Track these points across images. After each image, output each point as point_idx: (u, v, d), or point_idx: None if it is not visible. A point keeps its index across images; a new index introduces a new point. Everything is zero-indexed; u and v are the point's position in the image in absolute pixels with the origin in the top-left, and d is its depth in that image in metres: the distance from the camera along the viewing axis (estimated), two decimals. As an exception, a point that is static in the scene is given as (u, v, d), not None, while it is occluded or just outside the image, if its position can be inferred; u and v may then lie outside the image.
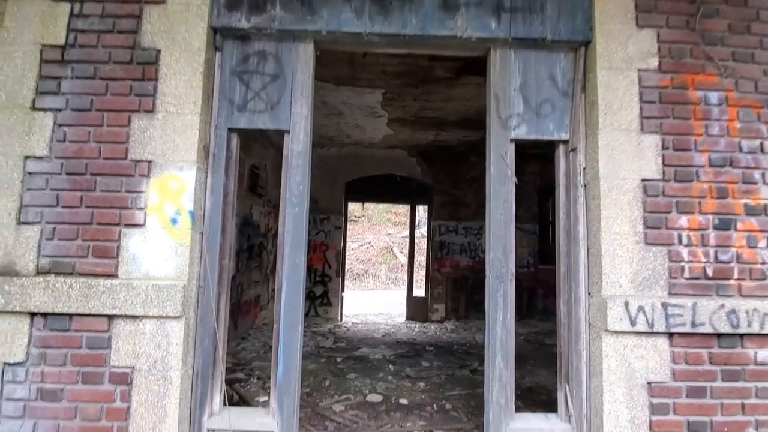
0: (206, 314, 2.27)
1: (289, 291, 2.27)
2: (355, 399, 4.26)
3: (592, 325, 2.27)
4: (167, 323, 2.17)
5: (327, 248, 8.26)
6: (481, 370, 5.60)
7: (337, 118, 6.80)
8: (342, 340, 6.79)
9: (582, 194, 2.37)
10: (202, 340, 2.26)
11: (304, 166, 2.35)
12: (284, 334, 2.26)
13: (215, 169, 2.36)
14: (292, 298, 2.27)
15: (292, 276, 2.28)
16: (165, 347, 2.17)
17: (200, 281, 2.30)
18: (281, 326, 2.26)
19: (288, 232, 2.31)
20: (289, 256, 2.30)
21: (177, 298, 2.13)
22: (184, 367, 2.19)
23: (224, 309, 2.34)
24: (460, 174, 8.54)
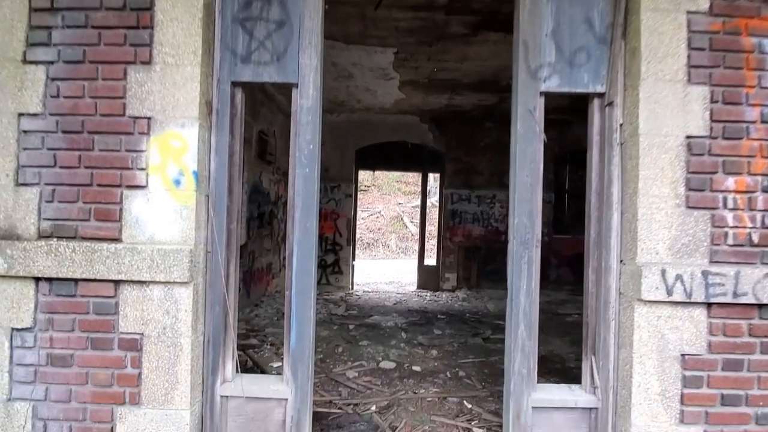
0: (215, 280, 2.16)
1: (301, 256, 2.15)
2: (368, 365, 4.24)
3: (623, 295, 2.12)
4: (175, 289, 2.07)
5: (338, 217, 8.15)
6: (494, 338, 5.58)
7: (347, 81, 6.51)
8: (354, 307, 6.79)
9: (617, 153, 2.16)
10: (212, 306, 2.17)
11: (315, 123, 2.17)
12: (296, 301, 2.15)
13: (219, 127, 2.19)
14: (304, 264, 2.15)
15: (304, 241, 2.15)
16: (174, 314, 2.08)
17: (208, 246, 2.18)
18: (293, 292, 2.15)
19: (298, 195, 2.15)
20: (299, 220, 2.16)
21: (184, 264, 2.02)
22: (194, 334, 2.11)
23: (234, 275, 2.24)
24: (473, 141, 8.24)
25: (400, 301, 7.45)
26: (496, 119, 8.21)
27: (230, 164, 2.21)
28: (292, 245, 2.16)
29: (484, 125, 8.24)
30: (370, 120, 8.22)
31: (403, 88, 6.74)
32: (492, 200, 8.15)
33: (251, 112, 6.05)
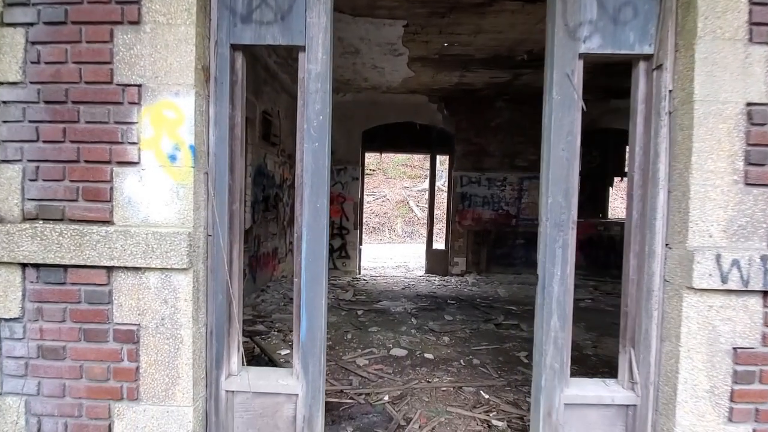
0: (217, 266, 1.96)
1: (312, 240, 1.93)
2: (379, 353, 4.08)
3: (669, 282, 1.90)
4: (173, 276, 1.87)
5: (344, 200, 7.93)
6: (507, 324, 5.39)
7: (354, 58, 6.19)
8: (362, 293, 6.63)
9: (666, 124, 1.90)
10: (214, 294, 1.97)
11: (325, 91, 1.93)
12: (307, 289, 1.95)
13: (218, 96, 1.96)
14: (315, 248, 1.94)
15: (314, 223, 1.93)
16: (172, 303, 1.89)
17: (208, 229, 1.97)
18: (303, 280, 1.95)
19: (307, 172, 1.93)
20: (309, 199, 1.93)
21: (182, 248, 1.82)
22: (195, 325, 1.92)
23: (238, 260, 2.04)
24: (484, 121, 7.92)
25: (408, 285, 7.28)
26: (508, 98, 7.88)
27: (231, 138, 1.98)
28: (301, 228, 1.94)
29: (494, 105, 7.91)
30: (377, 100, 7.91)
31: (412, 65, 6.41)
32: (503, 183, 7.88)
33: (254, 91, 5.77)
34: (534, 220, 7.86)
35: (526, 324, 5.17)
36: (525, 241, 7.88)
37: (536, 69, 6.49)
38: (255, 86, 5.82)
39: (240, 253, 2.04)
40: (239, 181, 2.03)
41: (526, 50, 5.78)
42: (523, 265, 7.90)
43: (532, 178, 7.86)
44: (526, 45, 5.62)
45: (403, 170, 17.66)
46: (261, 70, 6.04)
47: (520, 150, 7.87)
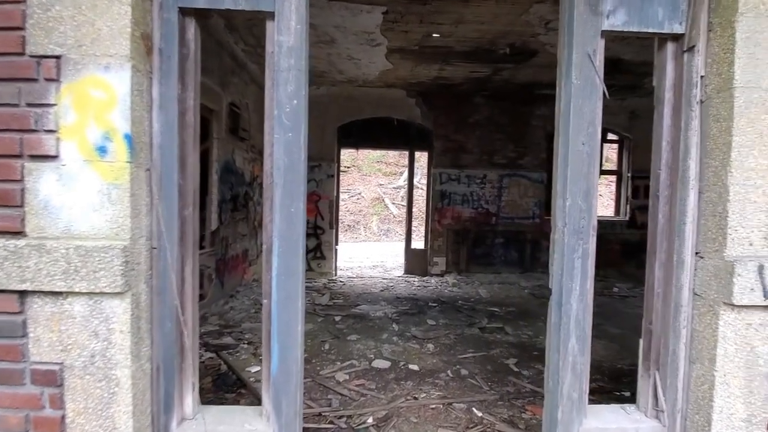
0: (165, 286, 1.55)
1: (285, 252, 1.56)
2: (360, 365, 3.73)
3: (700, 296, 1.64)
4: (104, 302, 1.45)
5: (319, 198, 7.50)
6: (491, 327, 5.15)
7: (328, 48, 5.77)
8: (339, 296, 6.25)
9: (697, 115, 1.64)
10: (161, 322, 1.57)
11: (299, 69, 1.55)
12: (279, 312, 1.57)
13: (165, 72, 1.54)
14: (289, 263, 1.56)
15: (288, 231, 1.56)
16: (105, 336, 1.47)
17: (152, 240, 1.56)
18: (274, 301, 1.57)
19: (278, 169, 1.54)
20: (281, 203, 1.55)
21: (115, 266, 1.40)
22: (136, 361, 1.50)
23: (192, 277, 1.63)
24: (463, 117, 7.69)
25: (387, 287, 6.96)
26: (487, 94, 7.67)
27: (182, 126, 1.57)
28: (271, 238, 1.56)
29: (473, 101, 7.68)
30: (353, 94, 7.52)
31: (390, 57, 6.06)
32: (482, 180, 7.68)
33: (220, 81, 5.26)
34: (514, 218, 7.71)
35: (511, 327, 4.96)
36: (505, 240, 7.72)
37: (517, 64, 6.29)
38: (221, 76, 5.31)
39: (195, 268, 1.64)
40: (193, 180, 1.62)
41: (509, 43, 5.54)
42: (503, 264, 7.75)
43: (511, 175, 7.70)
44: (508, 38, 5.38)
45: (379, 167, 17.32)
46: (228, 59, 5.53)
47: (498, 147, 7.69)
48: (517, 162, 7.68)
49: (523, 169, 7.69)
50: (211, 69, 4.98)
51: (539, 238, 7.77)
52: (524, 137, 7.70)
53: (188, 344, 1.58)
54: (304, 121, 1.57)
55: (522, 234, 7.70)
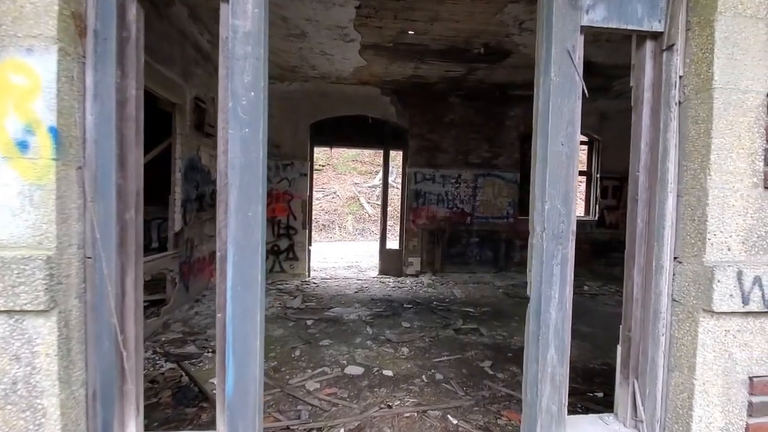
0: (101, 301, 1.36)
1: (241, 262, 1.40)
2: (332, 372, 3.58)
3: (679, 303, 1.59)
4: (26, 322, 1.25)
5: (291, 198, 7.27)
6: (466, 329, 5.12)
7: (300, 42, 5.57)
8: (311, 298, 6.06)
9: (676, 116, 1.59)
10: (98, 342, 1.37)
11: (258, 57, 1.39)
12: (235, 328, 1.41)
13: (101, 57, 1.35)
14: (246, 273, 1.40)
15: (244, 238, 1.40)
16: (28, 360, 1.27)
17: (86, 249, 1.36)
18: (229, 315, 1.41)
19: (233, 168, 1.38)
20: (237, 206, 1.39)
21: (37, 280, 1.21)
22: (65, 388, 1.31)
23: (134, 289, 1.44)
24: (438, 117, 7.63)
25: (361, 288, 6.82)
26: (462, 94, 7.65)
27: (121, 118, 1.38)
28: (225, 245, 1.39)
29: (448, 100, 7.64)
30: (326, 91, 7.32)
31: (364, 53, 5.92)
32: (457, 180, 7.65)
33: (183, 73, 4.97)
34: (489, 218, 7.73)
35: (486, 328, 4.92)
36: (479, 240, 7.73)
37: (492, 64, 6.27)
38: (185, 67, 5.01)
39: (138, 279, 1.45)
40: (136, 180, 1.43)
41: (483, 43, 5.51)
42: (478, 264, 7.76)
43: (486, 175, 7.71)
44: (483, 37, 5.34)
45: (354, 166, 17.13)
46: (191, 50, 5.23)
47: (473, 147, 7.68)
48: (492, 162, 7.71)
49: (498, 169, 7.72)
50: (173, 60, 4.69)
51: (513, 237, 7.83)
52: (498, 137, 7.73)
53: (130, 366, 1.40)
54: (263, 115, 1.41)
55: (496, 234, 7.74)
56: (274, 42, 5.57)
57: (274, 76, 6.95)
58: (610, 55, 5.75)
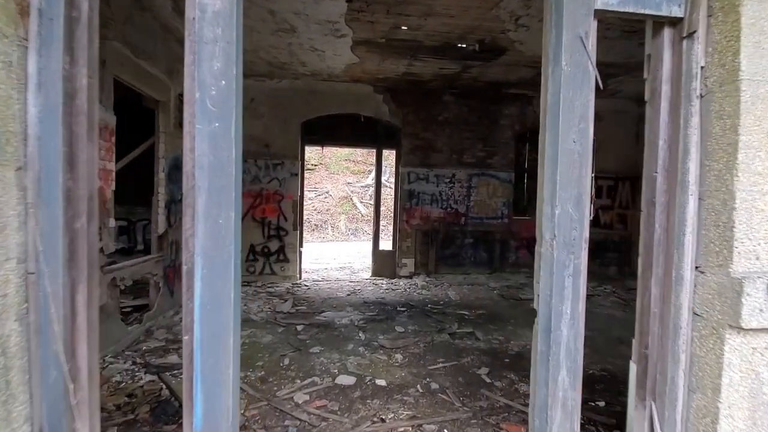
0: (46, 324, 1.16)
1: (211, 276, 1.21)
2: (322, 382, 3.40)
3: (701, 317, 1.44)
4: (-49, 350, 1.05)
5: (282, 198, 7.06)
6: (461, 333, 4.96)
7: (289, 37, 5.36)
8: (302, 302, 5.86)
9: (697, 111, 1.44)
10: (44, 371, 1.18)
11: (229, 41, 1.20)
12: (203, 353, 1.22)
13: (46, 40, 1.15)
14: (217, 290, 1.21)
15: (215, 249, 1.21)
16: (-46, 395, 1.07)
17: (28, 263, 1.16)
18: (197, 338, 1.22)
19: (201, 169, 1.19)
20: (206, 212, 1.20)
21: (-38, 303, 1.01)
22: (5, 426, 1.11)
23: (87, 308, 1.25)
24: (432, 115, 7.47)
25: (354, 291, 6.63)
26: (456, 92, 7.48)
27: (70, 112, 1.19)
28: (192, 257, 1.21)
29: (442, 98, 7.47)
30: (317, 89, 7.11)
31: (356, 49, 5.72)
32: (451, 180, 7.49)
33: (167, 70, 4.74)
34: (483, 218, 7.58)
35: (481, 332, 4.77)
36: (474, 240, 7.58)
37: (486, 62, 6.12)
38: (169, 64, 4.78)
39: (92, 297, 1.26)
40: (88, 183, 1.24)
41: (478, 39, 5.35)
42: (472, 265, 7.61)
43: (480, 175, 7.57)
44: (478, 33, 5.17)
45: (346, 165, 16.93)
46: (176, 45, 4.99)
47: (468, 146, 7.53)
48: (486, 161, 7.56)
49: (492, 169, 7.58)
50: (157, 55, 4.46)
51: (508, 238, 7.69)
52: (493, 136, 7.59)
53: (81, 399, 1.20)
54: (236, 108, 1.22)
55: (491, 234, 7.59)
56: (264, 37, 5.36)
57: (263, 74, 6.73)
58: (607, 52, 5.62)
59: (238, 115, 1.23)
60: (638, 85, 7.42)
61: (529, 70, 6.40)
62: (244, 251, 7.00)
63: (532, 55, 5.80)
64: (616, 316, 5.61)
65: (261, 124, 7.00)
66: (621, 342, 4.52)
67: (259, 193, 7.00)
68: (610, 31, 5.02)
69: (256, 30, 5.16)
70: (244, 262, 6.98)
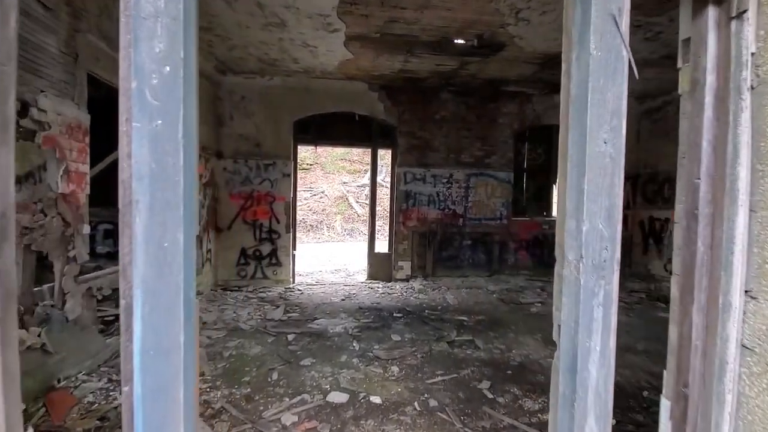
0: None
1: (154, 316, 0.95)
2: (313, 400, 3.14)
3: (752, 351, 1.20)
4: None
5: (274, 200, 6.79)
6: (460, 341, 4.72)
7: (280, 32, 5.09)
8: (295, 308, 5.61)
9: (747, 106, 1.19)
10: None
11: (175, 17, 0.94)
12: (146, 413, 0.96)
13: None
14: (163, 332, 0.95)
15: (160, 281, 0.95)
16: None
17: None
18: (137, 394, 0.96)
19: (140, 180, 0.93)
20: (148, 234, 0.94)
21: None
22: None
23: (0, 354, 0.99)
24: (428, 113, 7.21)
25: (349, 295, 6.38)
26: (453, 90, 7.23)
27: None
28: (130, 289, 0.95)
29: (440, 96, 7.22)
30: (310, 86, 6.84)
31: (350, 45, 5.46)
32: (449, 180, 7.25)
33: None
34: (482, 219, 7.35)
35: (481, 339, 4.53)
36: (471, 242, 7.34)
37: (485, 58, 5.87)
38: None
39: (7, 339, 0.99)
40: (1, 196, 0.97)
41: (477, 34, 5.10)
42: (470, 267, 7.38)
43: (478, 175, 7.33)
44: (476, 27, 4.92)
45: (342, 165, 16.65)
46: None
47: (465, 145, 7.29)
48: (485, 161, 7.32)
49: (491, 169, 7.34)
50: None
51: (506, 239, 7.46)
52: (491, 135, 7.35)
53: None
54: (186, 101, 0.96)
55: (489, 236, 7.36)
56: (253, 32, 5.08)
57: (253, 70, 6.45)
58: (610, 48, 5.38)
59: (190, 110, 0.97)
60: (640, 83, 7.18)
61: (529, 66, 6.16)
62: (235, 255, 6.73)
63: (531, 51, 5.56)
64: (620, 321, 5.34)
65: (252, 123, 6.72)
66: (628, 350, 4.30)
67: (250, 195, 6.73)
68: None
69: (245, 25, 4.89)
70: (235, 266, 6.71)
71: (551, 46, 5.34)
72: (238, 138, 6.70)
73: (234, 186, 6.67)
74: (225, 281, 6.69)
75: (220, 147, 6.65)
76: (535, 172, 7.77)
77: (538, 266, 7.49)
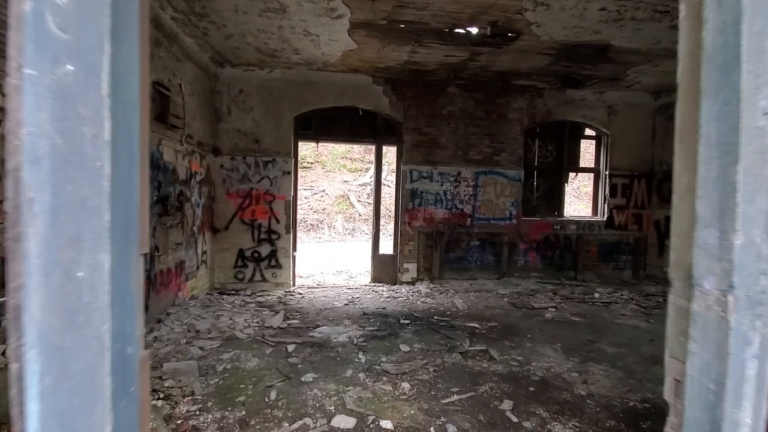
0: None
1: (59, 388, 0.57)
2: (316, 425, 2.76)
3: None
4: None
5: (273, 198, 6.40)
6: (473, 351, 4.35)
7: (279, 19, 4.69)
8: (295, 314, 5.22)
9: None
10: None
11: None
12: None
13: None
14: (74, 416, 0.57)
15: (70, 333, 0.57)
16: None
17: None
18: None
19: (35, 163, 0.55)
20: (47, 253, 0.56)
21: None
22: None
23: None
24: (436, 108, 6.82)
25: (352, 299, 5.99)
26: (462, 83, 6.84)
27: None
28: (21, 347, 0.56)
29: (447, 90, 6.83)
30: (311, 79, 6.45)
31: (354, 33, 5.06)
32: (456, 178, 6.86)
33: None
34: (490, 219, 6.96)
35: (497, 350, 4.15)
36: (480, 243, 6.96)
37: (497, 48, 5.47)
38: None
39: None
40: None
41: (491, 21, 4.70)
42: (479, 269, 6.99)
43: (487, 173, 6.94)
44: (491, 13, 4.53)
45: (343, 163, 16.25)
46: (151, 28, 4.31)
47: (474, 142, 6.90)
48: (494, 158, 6.93)
49: (500, 167, 6.95)
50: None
51: (516, 240, 7.08)
52: (500, 132, 6.96)
53: None
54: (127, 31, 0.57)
55: (498, 236, 6.98)
56: (251, 20, 4.69)
57: (251, 61, 6.06)
58: (631, 37, 5.00)
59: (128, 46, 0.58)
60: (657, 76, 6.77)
61: (543, 57, 5.76)
62: (233, 256, 6.35)
63: (547, 40, 5.17)
64: (641, 328, 5.02)
65: (251, 118, 6.33)
66: (655, 362, 3.92)
67: (249, 193, 6.34)
68: (640, 11, 4.39)
69: (242, 10, 4.49)
70: (232, 269, 6.32)
71: (569, 34, 4.95)
72: (236, 134, 6.31)
73: (231, 184, 6.28)
74: (221, 284, 6.31)
75: (217, 143, 6.26)
76: (545, 171, 7.38)
77: (549, 268, 7.11)
